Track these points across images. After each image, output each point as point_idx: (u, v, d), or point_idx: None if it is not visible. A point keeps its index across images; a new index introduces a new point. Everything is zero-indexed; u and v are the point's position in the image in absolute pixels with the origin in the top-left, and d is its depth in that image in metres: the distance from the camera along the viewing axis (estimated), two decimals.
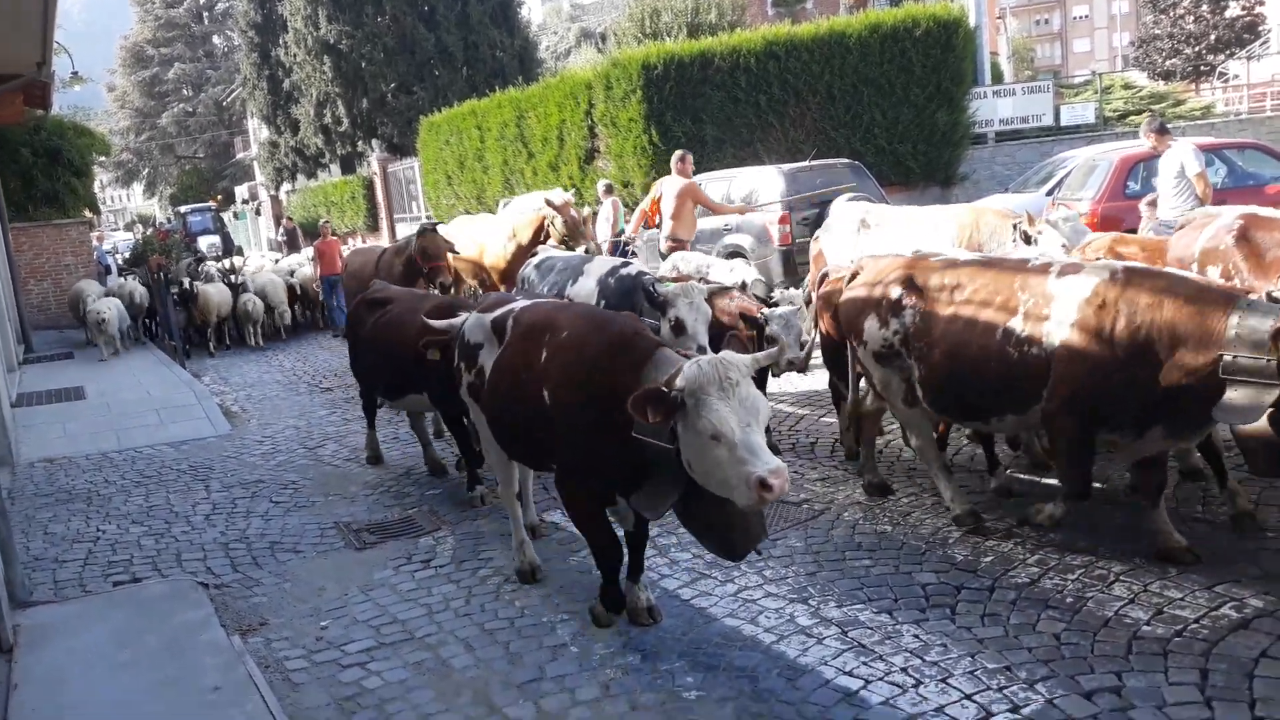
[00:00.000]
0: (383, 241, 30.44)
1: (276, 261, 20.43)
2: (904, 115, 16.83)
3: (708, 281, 6.95)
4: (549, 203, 10.30)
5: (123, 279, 17.80)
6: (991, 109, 19.41)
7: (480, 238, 11.44)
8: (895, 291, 5.16)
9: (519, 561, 5.10)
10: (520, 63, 31.92)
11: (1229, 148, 12.40)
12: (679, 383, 3.56)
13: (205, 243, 34.78)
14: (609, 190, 14.68)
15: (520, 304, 4.88)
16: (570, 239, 9.91)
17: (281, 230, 29.51)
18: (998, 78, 22.78)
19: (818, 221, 12.29)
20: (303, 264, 17.97)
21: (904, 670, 3.80)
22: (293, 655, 4.47)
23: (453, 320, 5.45)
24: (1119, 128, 19.56)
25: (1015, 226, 7.52)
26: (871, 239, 8.25)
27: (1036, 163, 16.23)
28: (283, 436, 8.81)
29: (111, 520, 6.63)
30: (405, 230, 29.52)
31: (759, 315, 6.35)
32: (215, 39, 59.11)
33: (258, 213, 44.62)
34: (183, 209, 42.83)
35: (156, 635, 4.71)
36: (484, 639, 4.44)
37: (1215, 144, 12.51)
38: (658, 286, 6.32)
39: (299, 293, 16.87)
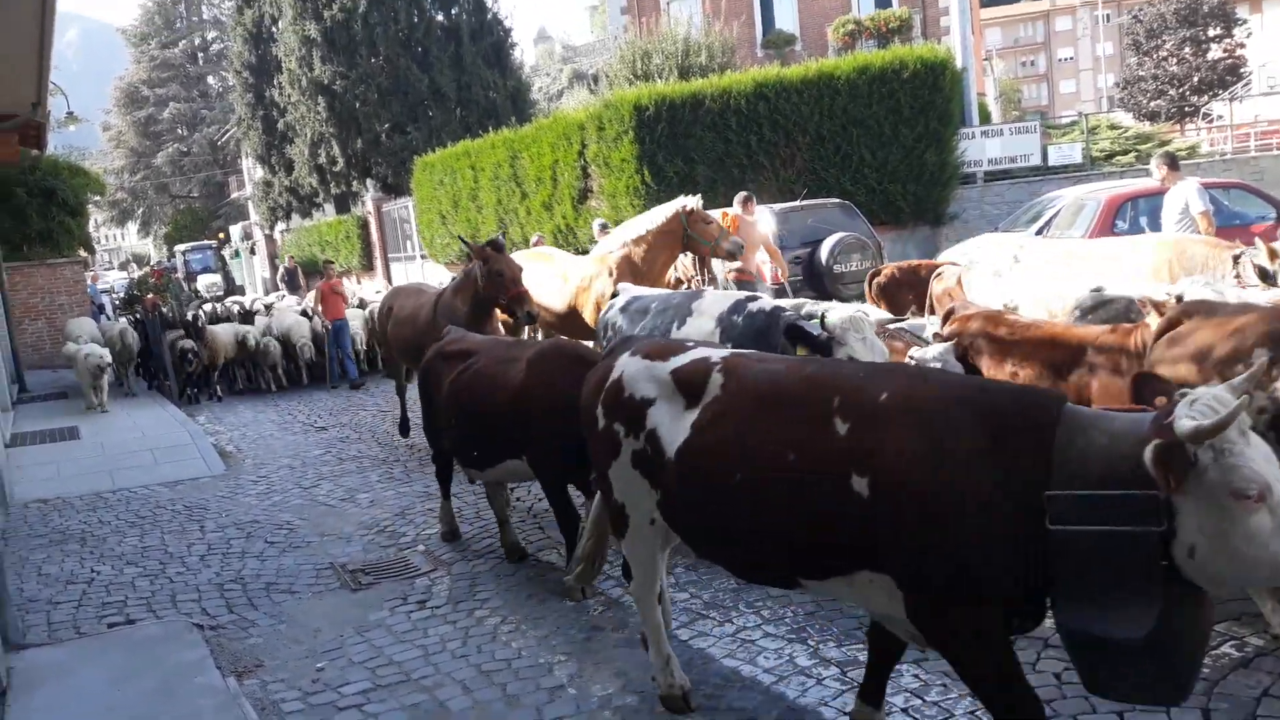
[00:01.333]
0: (378, 282, 30.51)
1: (299, 303, 18.37)
2: (893, 155, 17.02)
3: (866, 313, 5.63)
4: (683, 215, 8.62)
5: (112, 320, 17.44)
6: (980, 149, 19.63)
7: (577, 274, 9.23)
8: None
9: (663, 684, 3.93)
10: (513, 103, 32.21)
11: (1215, 187, 12.55)
12: (1186, 428, 2.43)
13: (205, 282, 34.71)
14: (604, 229, 14.78)
15: (715, 352, 3.68)
16: (716, 257, 8.79)
17: (282, 270, 28.11)
18: (985, 118, 23.06)
19: (810, 260, 12.45)
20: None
21: (904, 711, 3.79)
22: (289, 697, 4.43)
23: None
24: (1106, 167, 19.79)
25: (1237, 259, 6.54)
26: (1027, 276, 7.24)
27: (1025, 202, 16.39)
28: (277, 476, 8.79)
29: (106, 561, 6.59)
30: (402, 271, 29.54)
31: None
32: (210, 79, 59.57)
33: (252, 251, 44.45)
34: (182, 248, 42.13)
35: (151, 677, 4.68)
36: (481, 680, 4.41)
37: (1203, 184, 12.67)
38: (813, 321, 5.39)
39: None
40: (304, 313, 15.55)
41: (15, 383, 14.93)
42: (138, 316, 16.72)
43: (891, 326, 6.37)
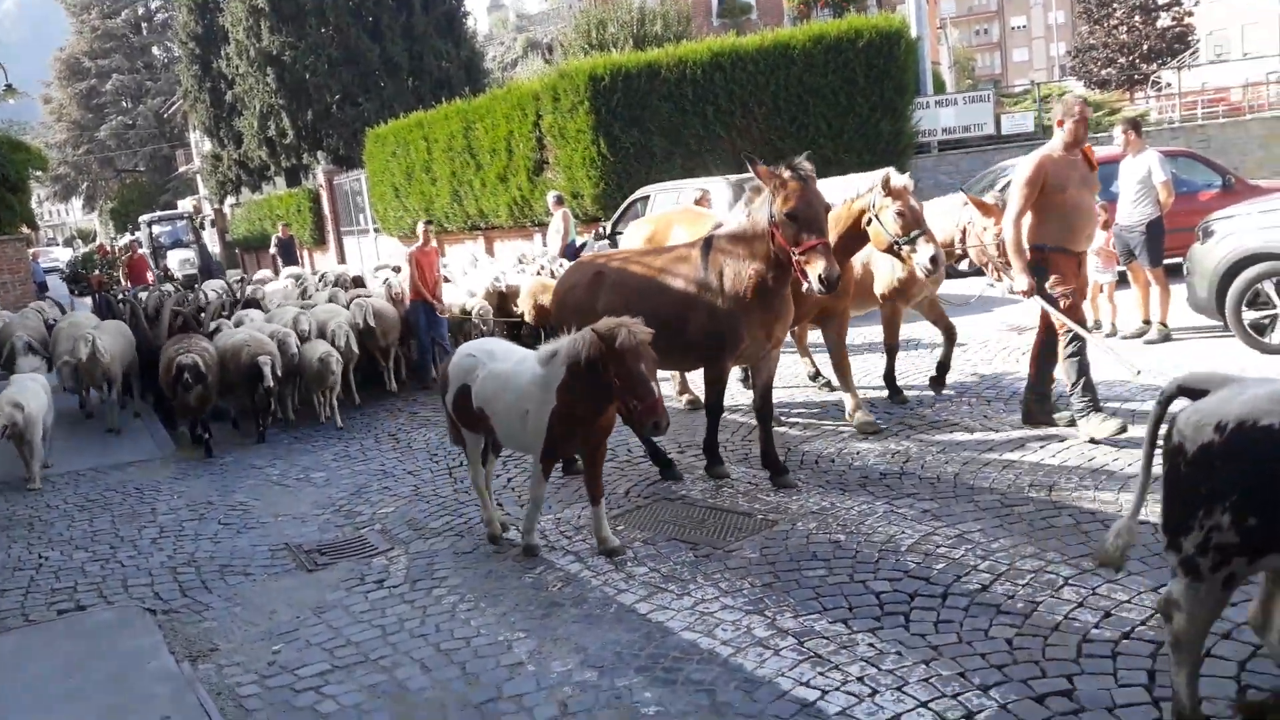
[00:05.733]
0: (330, 258, 29.95)
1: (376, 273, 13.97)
2: (849, 125, 17.04)
3: None
4: (885, 187, 6.51)
5: (66, 304, 14.43)
6: (934, 118, 19.73)
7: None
8: None
9: None
10: (467, 73, 31.83)
11: (1165, 155, 12.77)
12: None
13: (176, 259, 29.52)
14: (559, 201, 14.68)
15: None
16: (902, 240, 6.47)
17: (275, 241, 23.91)
18: (940, 87, 23.16)
19: None
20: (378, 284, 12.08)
21: (860, 679, 3.83)
22: (245, 681, 4.39)
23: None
24: None
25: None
26: None
27: (979, 170, 16.53)
28: (230, 456, 8.66)
29: (54, 546, 6.46)
30: (354, 245, 28.82)
31: None
32: (155, 50, 58.21)
33: (202, 226, 42.64)
34: (147, 218, 35.33)
35: (104, 664, 4.61)
36: (440, 659, 4.40)
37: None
38: None
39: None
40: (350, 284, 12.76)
41: None
42: (120, 297, 13.49)
43: None
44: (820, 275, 5.57)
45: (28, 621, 5.27)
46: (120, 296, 13.59)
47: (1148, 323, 9.37)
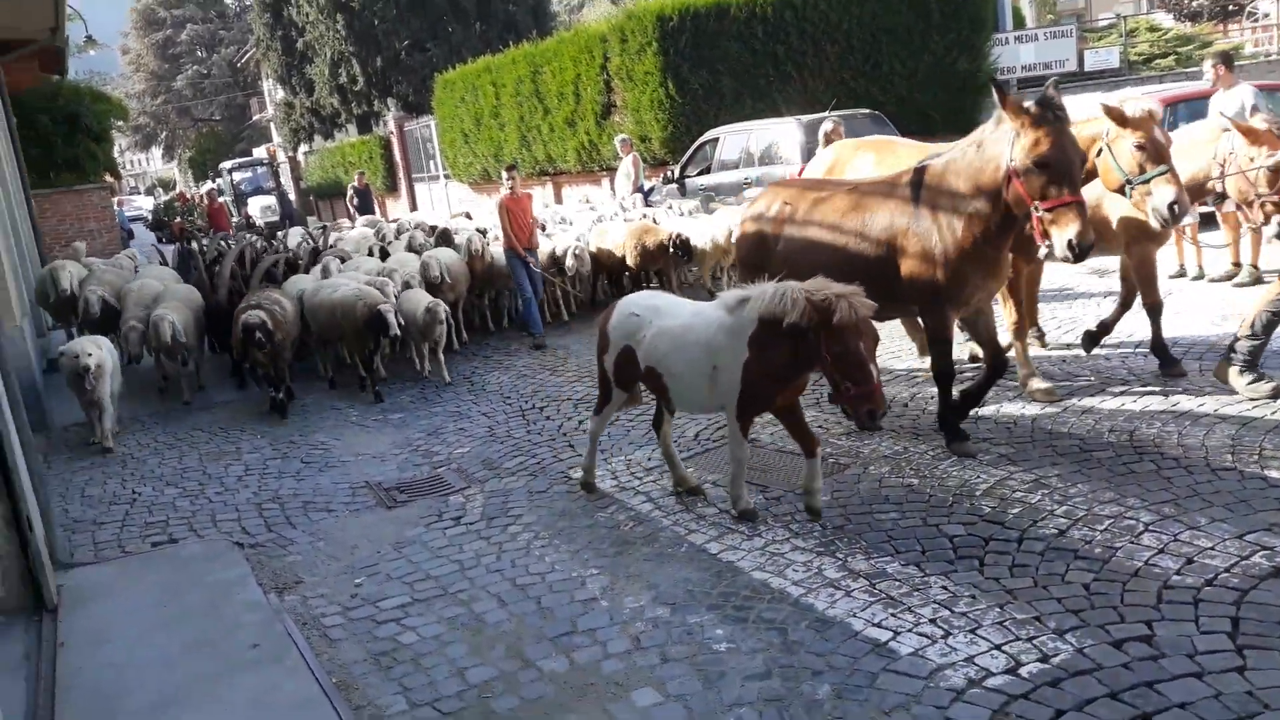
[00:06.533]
0: (402, 205, 30.25)
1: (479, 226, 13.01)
2: (924, 63, 16.57)
3: None
4: (1119, 114, 5.55)
5: (146, 256, 13.94)
6: (1013, 55, 19.04)
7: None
8: None
9: None
10: (534, 17, 31.61)
11: (1263, 90, 12.17)
12: None
13: (258, 206, 29.28)
14: (628, 145, 14.60)
15: None
16: (1137, 180, 5.50)
17: (351, 191, 23.75)
18: (1019, 23, 22.30)
19: None
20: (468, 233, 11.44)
21: (933, 621, 3.83)
22: (329, 612, 4.55)
23: None
24: (1144, 71, 19.19)
25: None
26: None
27: None
28: (311, 397, 8.88)
29: (147, 482, 6.74)
30: (425, 191, 29.02)
31: None
32: None
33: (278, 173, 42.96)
34: (228, 165, 35.26)
35: (195, 594, 4.81)
36: (516, 594, 4.50)
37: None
38: None
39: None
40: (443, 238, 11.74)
41: None
42: (202, 244, 13.29)
43: None
44: (1072, 241, 4.77)
45: (124, 553, 5.52)
46: (202, 244, 13.81)
47: (1237, 265, 9.02)
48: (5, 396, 4.75)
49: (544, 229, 11.76)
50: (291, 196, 37.58)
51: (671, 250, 10.40)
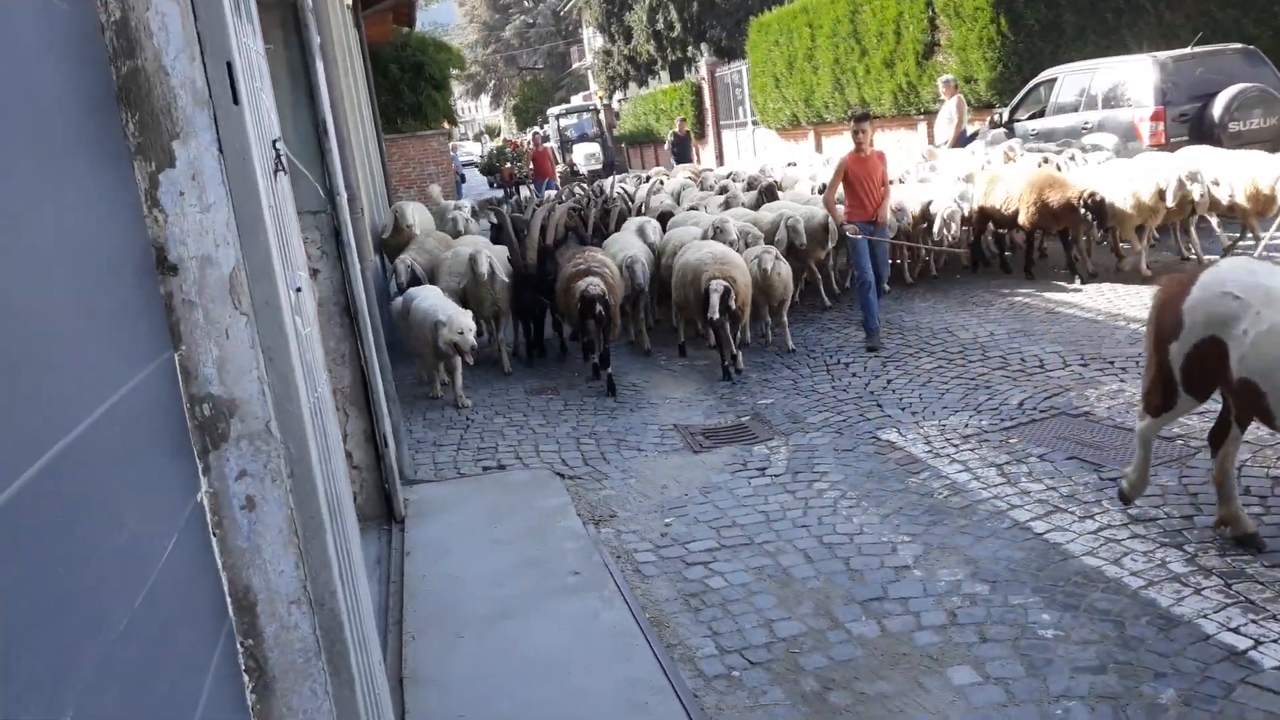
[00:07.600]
0: (708, 152, 30.59)
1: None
2: None
3: None
4: None
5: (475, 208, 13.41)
6: None
7: None
8: None
9: None
10: None
11: None
12: None
13: (582, 153, 28.61)
14: (952, 86, 13.81)
15: None
16: None
17: (671, 137, 23.28)
18: None
19: (1199, 118, 10.87)
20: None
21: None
22: (641, 548, 4.73)
23: None
24: None
25: None
26: None
27: None
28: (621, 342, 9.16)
29: (477, 409, 7.31)
30: (732, 138, 29.01)
31: None
32: None
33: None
34: (555, 110, 34.41)
35: (522, 517, 5.17)
36: (823, 551, 4.45)
37: None
38: None
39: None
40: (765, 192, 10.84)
41: None
42: (524, 196, 12.69)
43: None
44: None
45: (459, 474, 6.03)
46: (524, 196, 14.03)
47: None
48: (369, 324, 5.28)
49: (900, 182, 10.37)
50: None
51: (1082, 211, 8.67)
